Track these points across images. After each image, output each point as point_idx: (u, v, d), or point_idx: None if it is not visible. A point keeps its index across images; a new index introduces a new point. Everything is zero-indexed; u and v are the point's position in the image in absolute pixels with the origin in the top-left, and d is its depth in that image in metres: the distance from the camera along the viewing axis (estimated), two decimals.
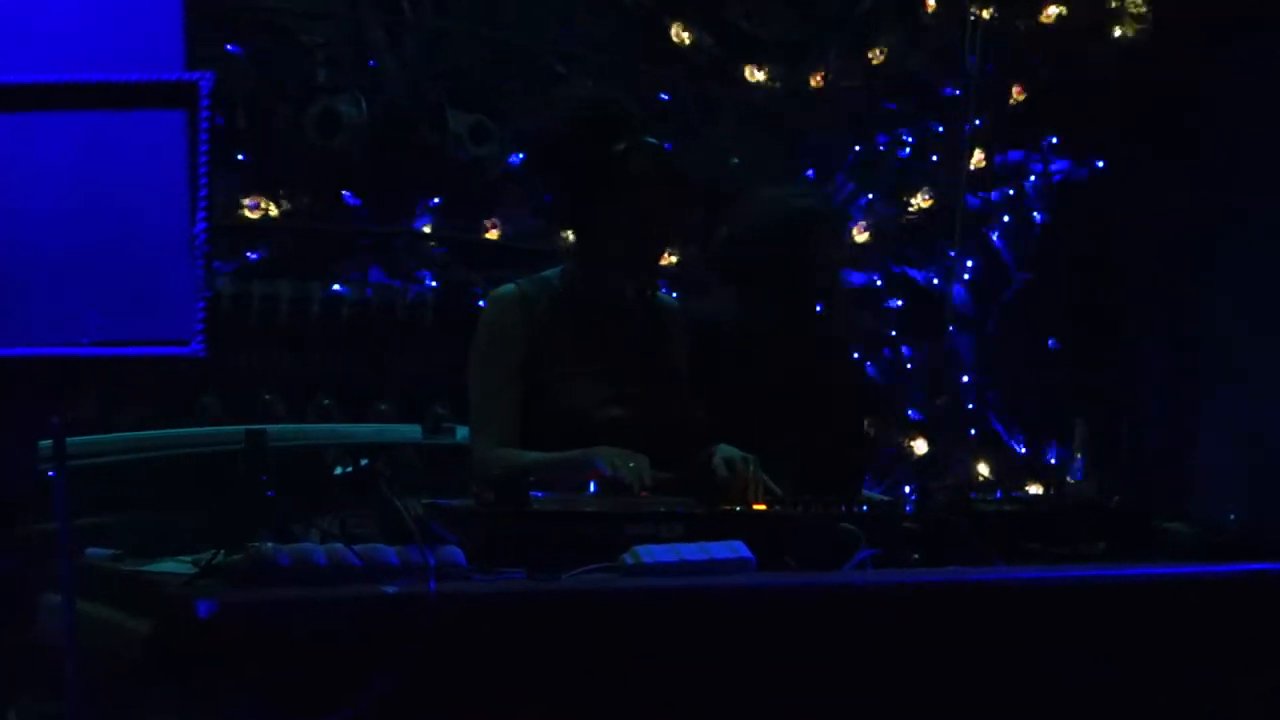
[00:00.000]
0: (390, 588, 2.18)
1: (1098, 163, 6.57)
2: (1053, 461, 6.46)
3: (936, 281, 6.52)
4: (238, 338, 5.41)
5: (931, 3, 6.41)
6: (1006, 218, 6.59)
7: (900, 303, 6.51)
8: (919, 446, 6.34)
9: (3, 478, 2.82)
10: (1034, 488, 6.12)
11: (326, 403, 5.53)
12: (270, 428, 3.02)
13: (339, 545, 2.26)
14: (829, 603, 2.45)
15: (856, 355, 5.97)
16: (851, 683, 2.41)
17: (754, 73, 6.34)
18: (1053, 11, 6.37)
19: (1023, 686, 2.54)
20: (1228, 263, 6.28)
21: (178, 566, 2.39)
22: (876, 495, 3.81)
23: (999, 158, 6.57)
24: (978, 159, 6.42)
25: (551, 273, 3.31)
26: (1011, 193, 6.61)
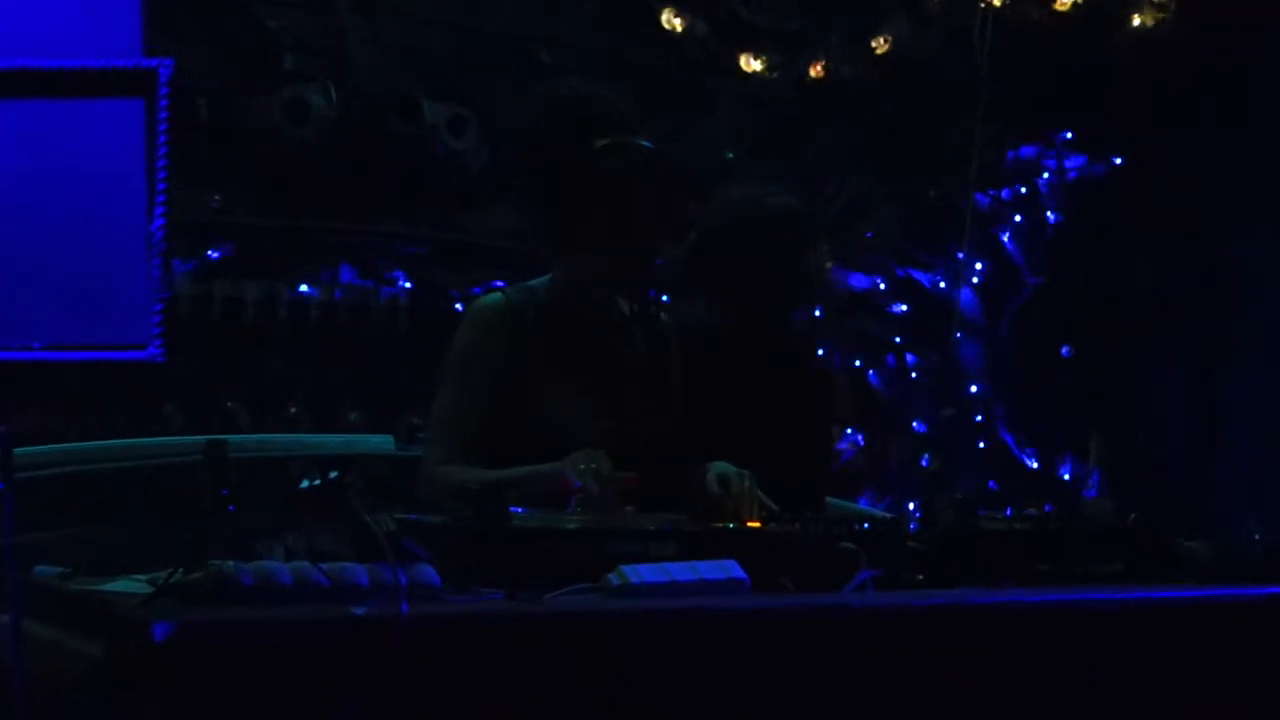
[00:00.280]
0: (360, 609, 2.17)
1: (1115, 159, 6.59)
2: (1066, 477, 6.48)
3: (943, 285, 6.54)
4: (198, 342, 5.41)
5: None
6: (1018, 218, 6.61)
7: (905, 308, 6.52)
8: (924, 461, 6.35)
9: None
10: (1046, 505, 6.14)
11: (293, 411, 5.53)
12: (232, 438, 3.02)
13: (305, 563, 2.26)
14: (827, 626, 2.45)
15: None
16: (851, 712, 2.42)
17: (750, 62, 6.36)
18: None
19: (1033, 716, 2.54)
20: (1254, 266, 6.30)
21: (132, 585, 2.38)
22: (879, 512, 3.82)
23: (1011, 153, 6.59)
24: (988, 155, 6.44)
25: (539, 281, 3.30)
26: (1024, 191, 6.63)
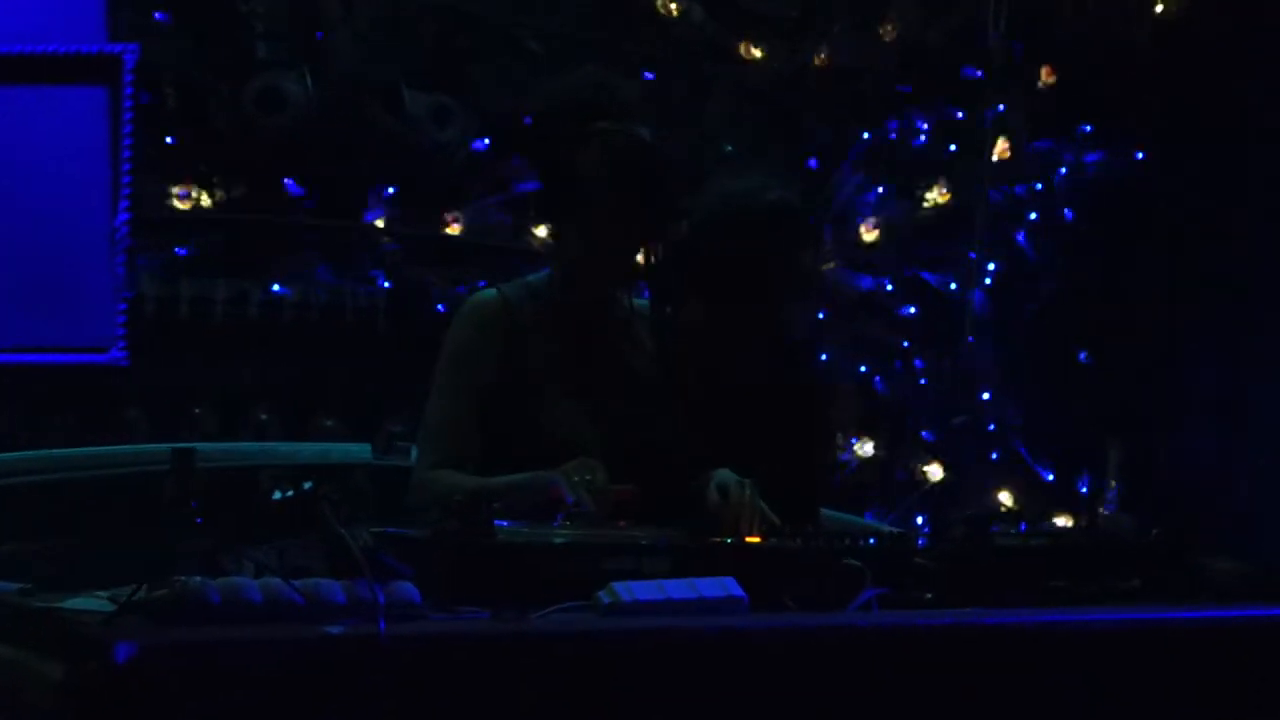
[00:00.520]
0: (335, 628, 2.17)
1: (1137, 153, 6.60)
2: (1084, 490, 6.48)
3: (954, 286, 6.54)
4: (164, 344, 5.40)
5: None
6: (1034, 215, 6.61)
7: (913, 310, 6.53)
8: (933, 472, 6.36)
9: None
10: (1063, 519, 6.15)
11: (264, 418, 5.53)
12: (200, 446, 3.01)
13: (277, 580, 2.26)
14: (830, 648, 2.45)
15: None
16: None
17: (750, 50, 6.36)
18: None
19: None
20: None
21: (93, 603, 2.38)
22: (885, 527, 3.83)
23: (1026, 147, 6.59)
24: (1002, 149, 6.44)
25: (536, 278, 3.32)
26: (1040, 187, 6.63)
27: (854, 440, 6.25)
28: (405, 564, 2.35)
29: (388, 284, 5.79)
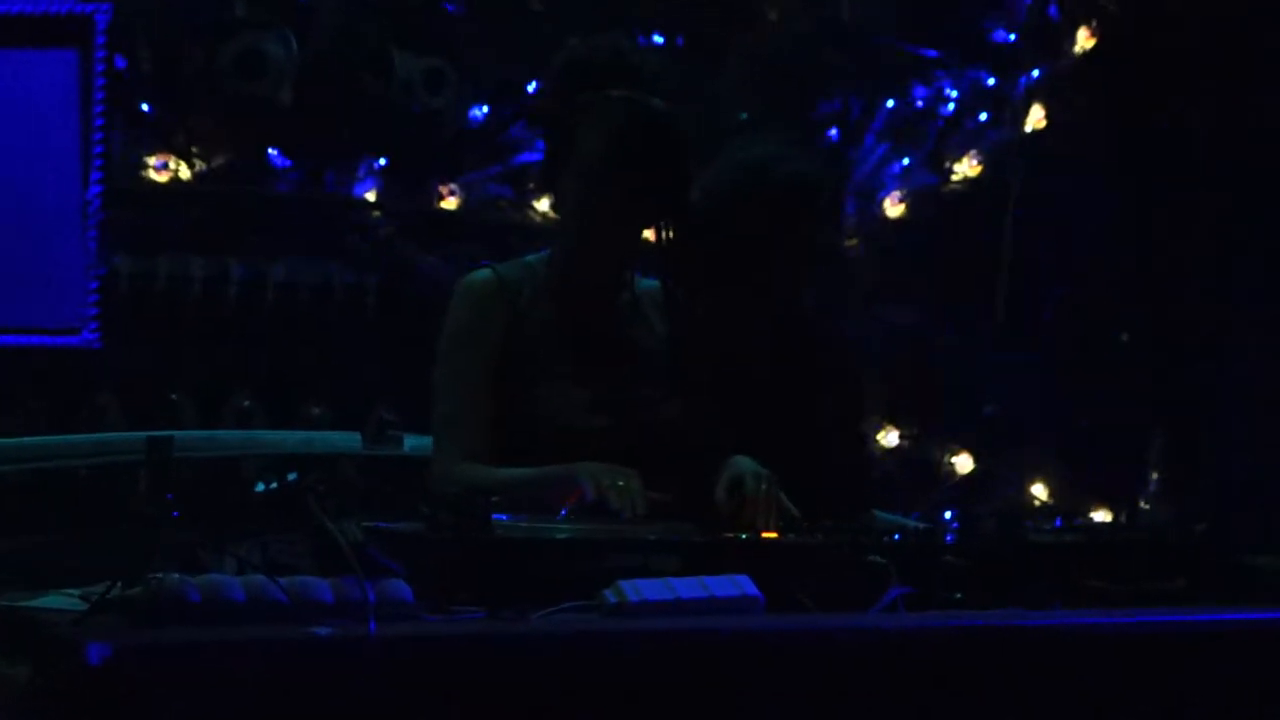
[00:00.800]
0: (322, 629, 2.18)
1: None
2: (1123, 483, 6.48)
3: None
4: (139, 325, 5.41)
5: None
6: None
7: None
8: (962, 464, 6.36)
9: None
10: (1100, 514, 6.15)
11: (246, 404, 5.53)
12: (178, 434, 3.02)
13: (260, 577, 2.26)
14: (852, 651, 2.46)
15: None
16: None
17: (767, 10, 6.35)
18: None
19: None
20: None
21: (64, 601, 2.39)
22: (912, 522, 3.82)
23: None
24: (1036, 118, 6.44)
25: (535, 257, 3.33)
26: None
27: (876, 429, 6.25)
28: (397, 561, 2.35)
29: (378, 261, 5.79)
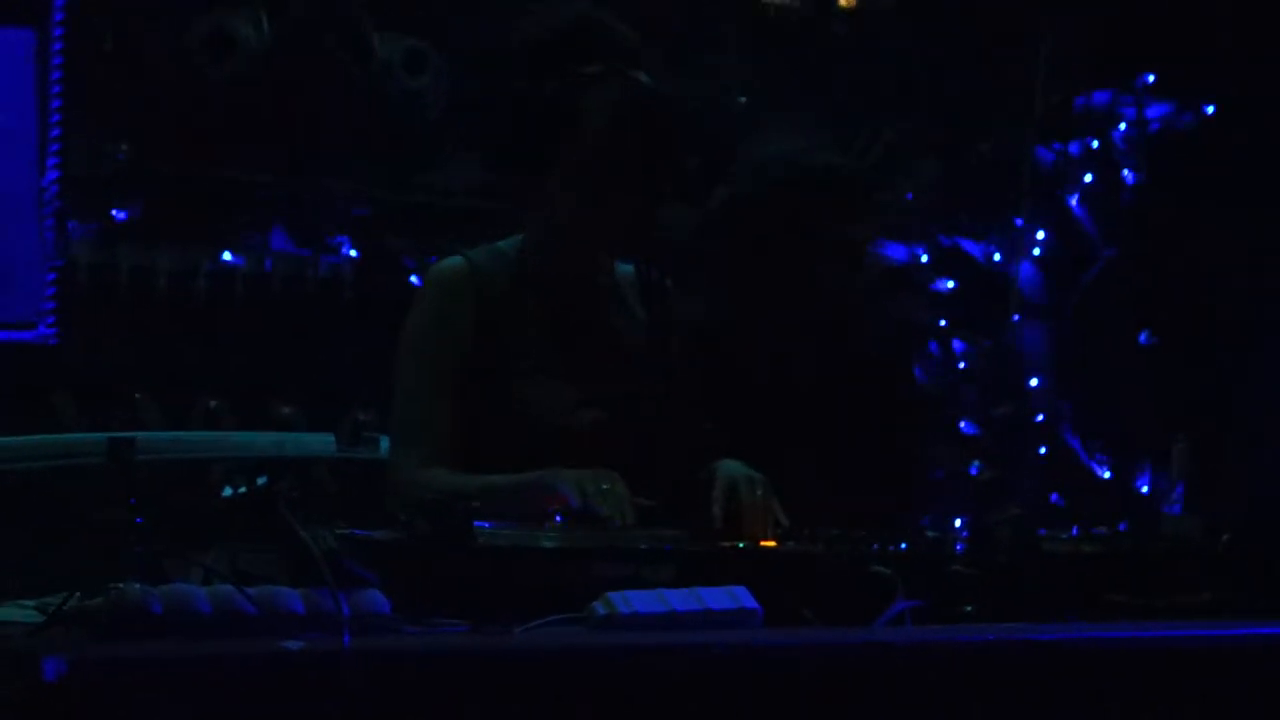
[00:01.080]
0: (293, 642, 2.18)
1: (1206, 107, 6.59)
2: (1144, 490, 6.49)
3: (998, 258, 6.54)
4: (99, 320, 5.41)
5: None
6: (1089, 177, 6.62)
7: (952, 284, 6.53)
8: (974, 469, 6.36)
9: None
10: (1120, 523, 6.14)
11: (213, 405, 5.53)
12: (140, 436, 3.01)
13: (228, 587, 2.26)
14: (856, 667, 2.46)
15: (890, 351, 5.98)
16: None
17: None
18: None
19: None
20: None
21: (19, 613, 2.39)
22: (920, 530, 3.82)
23: (1079, 99, 6.59)
24: (1053, 100, 6.44)
25: (508, 243, 3.31)
26: (1095, 145, 6.63)
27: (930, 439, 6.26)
28: (373, 570, 2.35)
29: (353, 252, 5.80)
